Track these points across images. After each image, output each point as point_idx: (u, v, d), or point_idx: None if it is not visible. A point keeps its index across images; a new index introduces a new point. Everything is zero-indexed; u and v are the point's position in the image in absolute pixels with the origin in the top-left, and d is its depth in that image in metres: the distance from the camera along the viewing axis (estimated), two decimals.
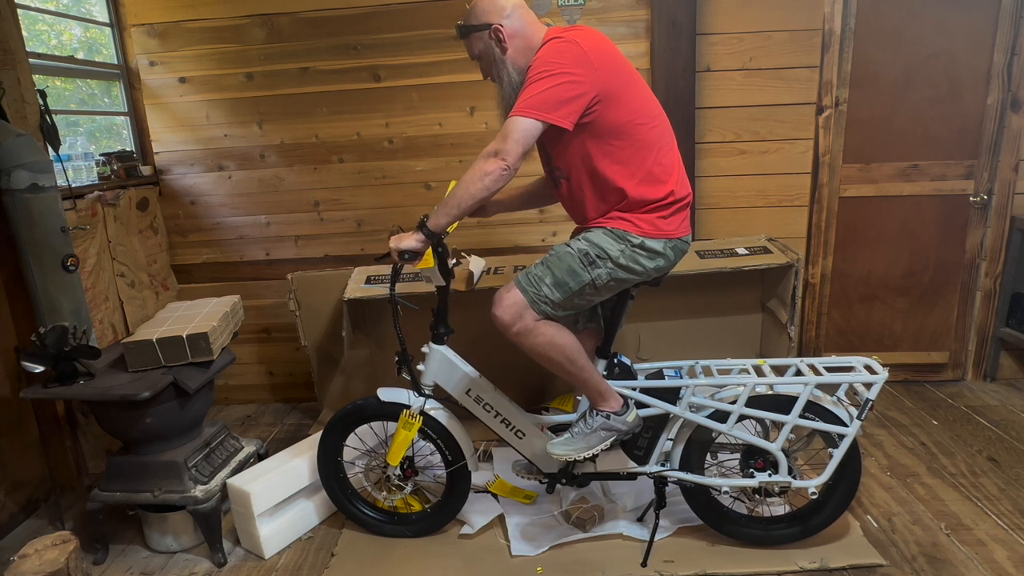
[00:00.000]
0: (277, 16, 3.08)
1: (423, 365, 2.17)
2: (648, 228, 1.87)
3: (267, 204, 3.31)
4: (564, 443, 2.01)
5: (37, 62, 2.63)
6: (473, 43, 1.87)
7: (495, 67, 1.86)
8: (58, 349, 2.14)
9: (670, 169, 1.89)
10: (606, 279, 1.89)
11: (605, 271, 1.87)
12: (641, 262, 1.89)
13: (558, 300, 1.88)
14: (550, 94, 1.71)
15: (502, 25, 1.81)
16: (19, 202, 2.13)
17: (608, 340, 2.09)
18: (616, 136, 1.82)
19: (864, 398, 1.93)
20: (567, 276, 1.87)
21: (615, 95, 1.78)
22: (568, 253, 1.89)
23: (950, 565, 2.06)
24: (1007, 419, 2.96)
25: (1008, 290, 3.20)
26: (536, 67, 1.75)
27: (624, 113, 1.80)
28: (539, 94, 1.71)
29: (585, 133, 1.81)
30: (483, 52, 1.87)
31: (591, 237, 1.90)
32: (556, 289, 1.87)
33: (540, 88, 1.72)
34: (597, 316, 2.22)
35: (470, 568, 2.16)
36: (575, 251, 1.89)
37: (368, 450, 2.40)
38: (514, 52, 1.83)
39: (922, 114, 3.09)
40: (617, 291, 1.97)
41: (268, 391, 3.58)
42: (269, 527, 2.28)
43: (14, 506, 2.50)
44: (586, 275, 1.87)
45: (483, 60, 1.89)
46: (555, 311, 1.90)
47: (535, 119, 1.72)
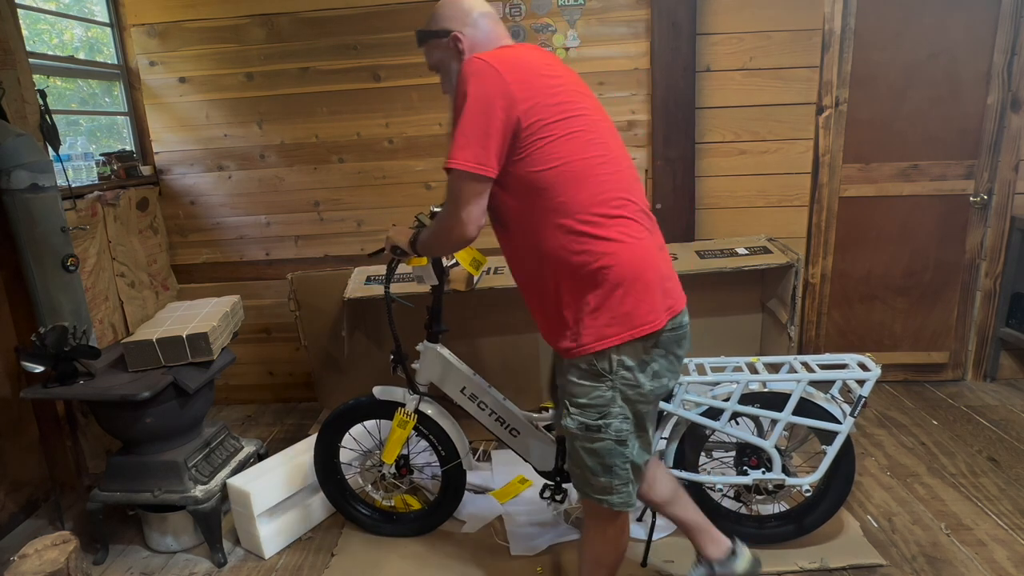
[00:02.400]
0: (277, 16, 3.08)
1: (418, 363, 2.18)
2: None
3: (267, 204, 3.31)
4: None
5: (37, 62, 2.63)
6: (431, 51, 1.62)
7: (451, 80, 1.59)
8: (58, 349, 2.14)
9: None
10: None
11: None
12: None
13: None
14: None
15: (462, 33, 1.56)
16: (19, 202, 2.13)
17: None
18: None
19: (857, 395, 1.93)
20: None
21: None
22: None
23: (950, 565, 2.06)
24: (1007, 419, 2.96)
25: (1008, 290, 3.20)
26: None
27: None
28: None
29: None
30: (440, 62, 1.61)
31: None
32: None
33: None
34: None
35: (470, 568, 2.16)
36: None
37: (365, 451, 2.40)
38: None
39: (922, 114, 3.08)
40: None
41: (268, 391, 3.58)
42: (269, 527, 2.28)
43: (14, 506, 2.50)
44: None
45: (440, 70, 1.63)
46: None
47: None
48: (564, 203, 1.43)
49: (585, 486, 1.58)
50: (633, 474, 1.55)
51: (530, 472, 2.39)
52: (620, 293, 1.43)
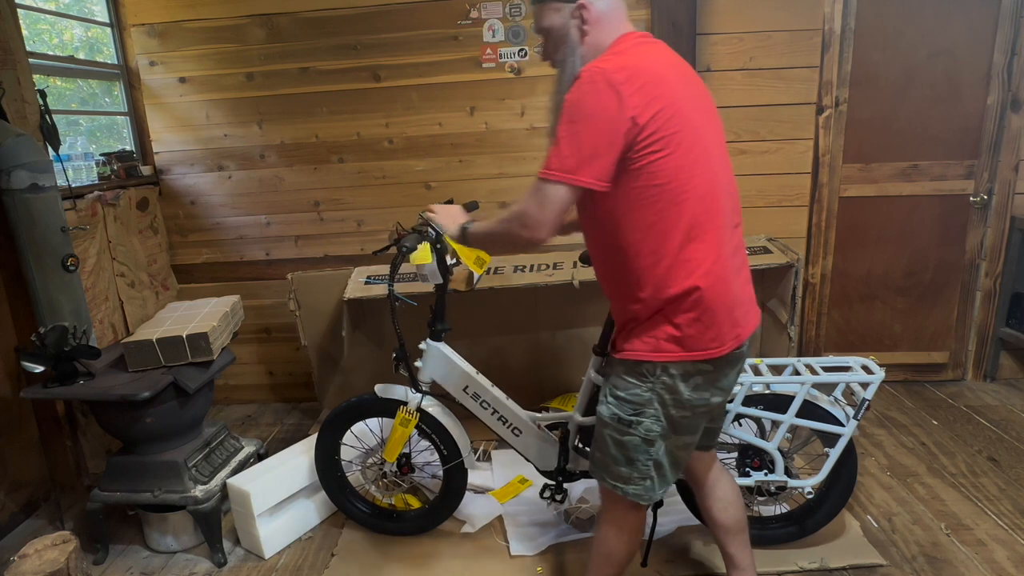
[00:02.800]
0: (277, 16, 3.08)
1: (421, 362, 2.18)
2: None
3: (267, 204, 3.31)
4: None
5: (37, 62, 2.63)
6: (547, 14, 1.50)
7: (563, 49, 1.50)
8: (58, 349, 2.14)
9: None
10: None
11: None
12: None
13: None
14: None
15: (590, 3, 1.45)
16: (19, 202, 2.13)
17: (605, 338, 2.09)
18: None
19: (861, 398, 1.93)
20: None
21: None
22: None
23: (950, 565, 2.06)
24: (1007, 419, 2.96)
25: (1008, 290, 3.20)
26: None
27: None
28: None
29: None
30: (555, 28, 1.50)
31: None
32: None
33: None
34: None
35: (470, 568, 2.16)
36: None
37: (367, 449, 2.40)
38: (588, 43, 1.48)
39: (922, 114, 3.09)
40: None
41: (268, 391, 3.58)
42: (269, 527, 2.28)
43: (14, 506, 2.50)
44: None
45: (550, 37, 1.52)
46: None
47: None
48: (660, 220, 1.40)
49: (603, 470, 1.59)
50: (655, 471, 1.55)
51: (530, 472, 2.39)
52: (692, 316, 1.43)
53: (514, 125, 3.16)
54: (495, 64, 3.09)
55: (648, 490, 1.56)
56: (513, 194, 3.23)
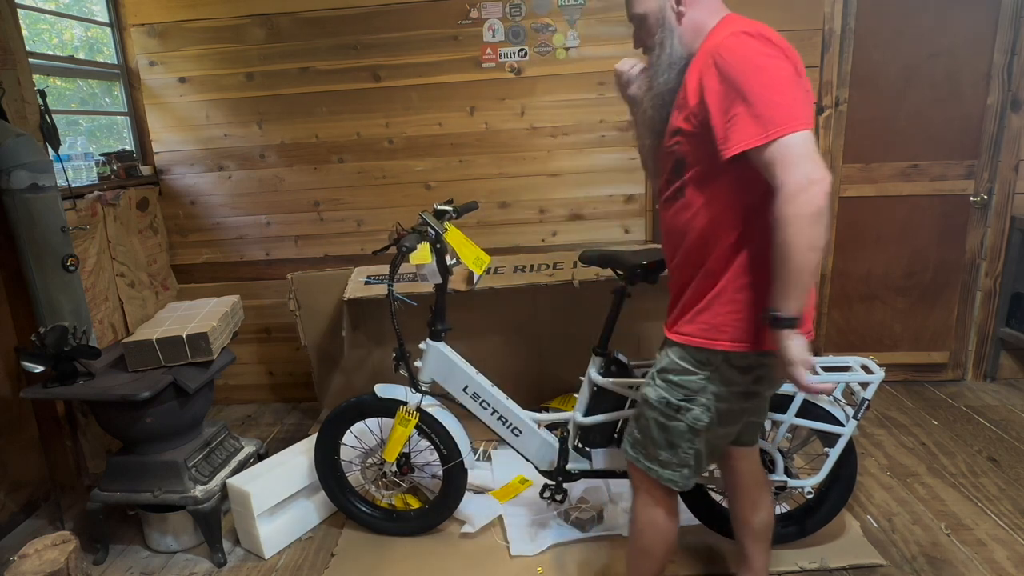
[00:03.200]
0: (277, 16, 3.08)
1: (421, 362, 2.18)
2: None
3: (267, 204, 3.31)
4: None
5: (37, 62, 2.63)
6: (640, 0, 1.47)
7: (660, 33, 1.45)
8: (58, 349, 2.14)
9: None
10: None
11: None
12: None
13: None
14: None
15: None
16: (19, 202, 2.13)
17: (605, 338, 2.09)
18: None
19: (861, 398, 1.93)
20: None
21: None
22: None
23: (950, 565, 2.06)
24: (1007, 419, 2.96)
25: (1008, 290, 3.20)
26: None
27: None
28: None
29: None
30: (652, 13, 1.45)
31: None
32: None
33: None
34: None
35: (470, 568, 2.16)
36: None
37: (366, 449, 2.40)
38: (687, 24, 1.43)
39: (922, 114, 3.08)
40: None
41: (268, 391, 3.58)
42: (269, 527, 2.28)
43: (14, 506, 2.50)
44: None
45: (646, 22, 1.47)
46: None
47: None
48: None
49: (640, 451, 1.56)
50: (695, 460, 1.52)
51: (530, 472, 2.39)
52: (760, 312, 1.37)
53: (514, 125, 3.16)
54: (495, 64, 3.09)
55: (684, 477, 1.54)
56: (513, 194, 3.23)
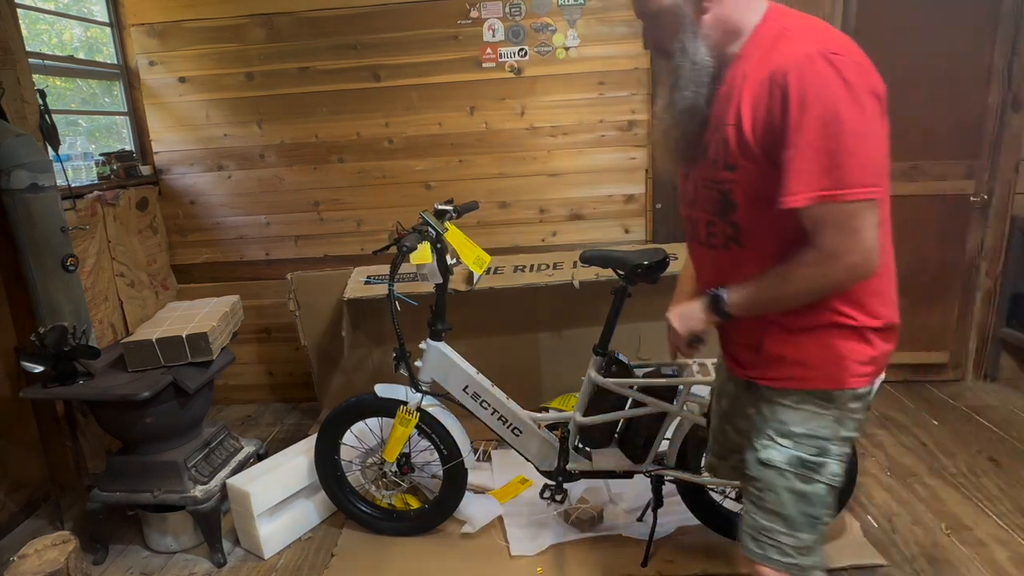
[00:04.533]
0: (277, 16, 3.08)
1: (421, 362, 2.18)
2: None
3: (267, 204, 3.31)
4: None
5: (37, 62, 2.63)
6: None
7: (678, 34, 1.20)
8: (58, 349, 2.14)
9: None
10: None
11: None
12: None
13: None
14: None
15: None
16: (19, 202, 2.13)
17: (606, 338, 2.09)
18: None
19: None
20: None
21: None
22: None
23: (950, 565, 2.06)
24: (1007, 419, 2.96)
25: (1008, 290, 3.20)
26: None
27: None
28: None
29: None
30: (665, 10, 1.20)
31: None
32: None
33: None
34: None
35: (470, 568, 2.16)
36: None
37: (367, 449, 2.40)
38: (713, 21, 1.18)
39: (922, 114, 3.08)
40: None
41: (268, 391, 3.57)
42: (269, 527, 2.28)
43: (14, 506, 2.50)
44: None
45: (660, 20, 1.22)
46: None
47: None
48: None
49: (773, 545, 1.23)
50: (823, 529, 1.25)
51: (530, 472, 2.39)
52: (884, 328, 1.27)
53: (514, 125, 3.16)
54: (495, 64, 3.09)
55: (822, 559, 1.25)
56: (513, 194, 3.23)
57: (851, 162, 1.05)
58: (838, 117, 1.05)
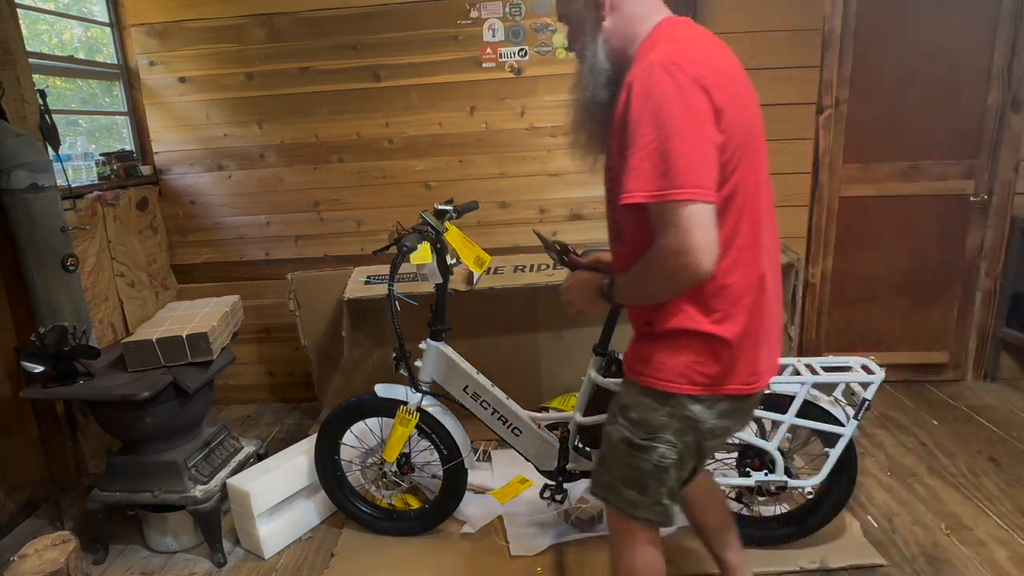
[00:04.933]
0: (277, 16, 3.07)
1: (421, 361, 2.18)
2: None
3: (267, 204, 3.31)
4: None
5: (37, 62, 2.63)
6: (565, 1, 1.37)
7: (582, 38, 1.34)
8: (58, 349, 2.14)
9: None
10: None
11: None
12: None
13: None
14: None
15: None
16: (19, 202, 2.13)
17: (606, 338, 2.09)
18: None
19: (861, 398, 1.93)
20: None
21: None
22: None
23: (950, 565, 2.06)
24: (1007, 419, 2.96)
25: (1008, 290, 3.20)
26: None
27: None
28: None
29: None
30: (573, 14, 1.35)
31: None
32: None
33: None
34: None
35: (470, 568, 2.16)
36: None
37: (367, 449, 2.40)
38: (612, 27, 1.30)
39: (922, 114, 3.08)
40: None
41: (268, 391, 3.57)
42: (269, 527, 2.28)
43: (14, 506, 2.50)
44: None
45: (571, 25, 1.37)
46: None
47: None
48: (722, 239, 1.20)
49: (610, 493, 1.44)
50: (668, 497, 1.40)
51: (530, 472, 2.39)
52: (731, 347, 1.27)
53: (514, 125, 3.16)
54: (495, 64, 3.09)
55: (660, 515, 1.41)
56: (513, 194, 3.23)
57: (679, 164, 1.12)
58: (669, 122, 1.12)
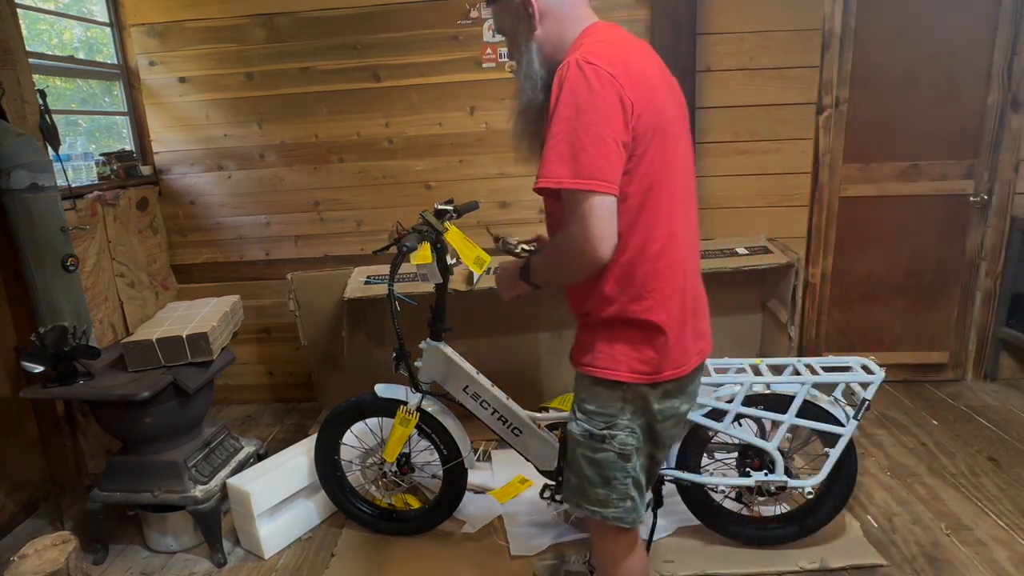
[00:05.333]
0: (277, 16, 3.08)
1: (421, 362, 2.18)
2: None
3: (267, 204, 3.31)
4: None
5: (37, 62, 2.63)
6: (500, 14, 1.45)
7: (517, 48, 1.45)
8: (58, 349, 2.14)
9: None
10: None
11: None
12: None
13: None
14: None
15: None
16: (19, 202, 2.13)
17: None
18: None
19: (861, 398, 1.93)
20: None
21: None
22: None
23: (950, 565, 2.06)
24: (1007, 419, 2.96)
25: (1008, 290, 3.20)
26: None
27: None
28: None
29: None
30: (508, 27, 1.45)
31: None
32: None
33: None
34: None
35: (470, 568, 2.16)
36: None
37: (367, 449, 2.40)
38: (544, 36, 1.40)
39: (922, 114, 3.08)
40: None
41: (268, 391, 3.58)
42: (269, 527, 2.28)
43: (14, 506, 2.50)
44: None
45: (507, 37, 1.48)
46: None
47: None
48: (632, 229, 1.31)
49: (580, 496, 1.49)
50: (634, 490, 1.45)
51: (530, 472, 2.39)
52: (660, 337, 1.35)
53: None
54: (495, 64, 3.09)
55: (629, 512, 1.45)
56: (514, 194, 3.23)
57: (583, 156, 1.21)
58: (578, 116, 1.22)
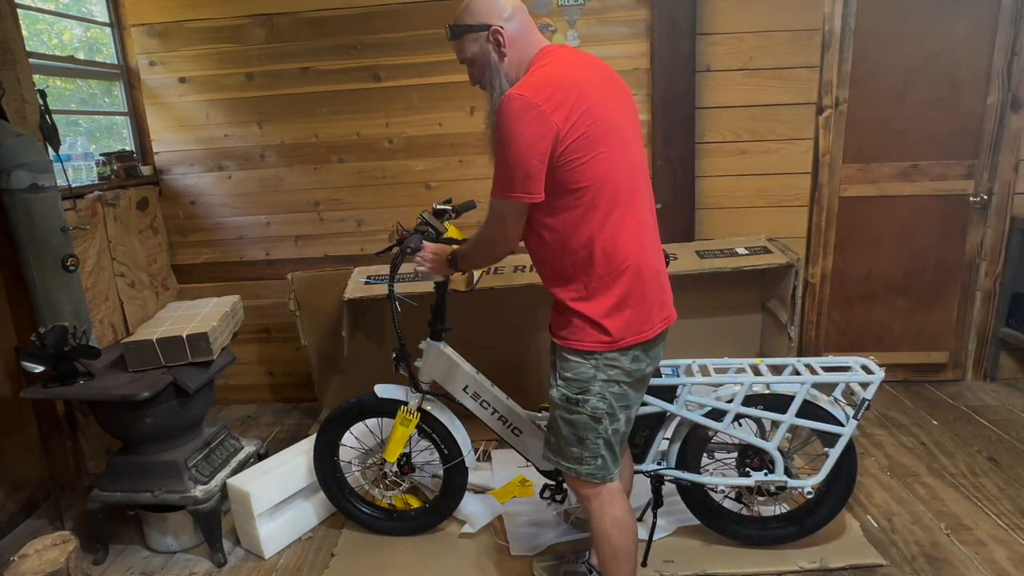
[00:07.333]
0: (277, 16, 3.08)
1: (421, 361, 2.18)
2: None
3: (267, 204, 3.31)
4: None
5: (37, 62, 2.63)
6: (467, 45, 1.66)
7: (489, 73, 1.66)
8: (58, 349, 2.14)
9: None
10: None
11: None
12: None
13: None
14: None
15: (502, 27, 1.59)
16: (19, 202, 2.13)
17: None
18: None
19: (860, 398, 1.93)
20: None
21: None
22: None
23: (950, 565, 2.06)
24: (1007, 419, 2.96)
25: (1008, 290, 3.20)
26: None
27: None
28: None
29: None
30: (477, 56, 1.66)
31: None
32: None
33: None
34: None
35: (470, 568, 2.16)
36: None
37: (367, 449, 2.40)
38: (510, 62, 1.63)
39: (922, 114, 3.08)
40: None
41: (268, 391, 3.58)
42: (269, 527, 2.28)
43: (14, 506, 2.50)
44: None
45: (475, 65, 1.68)
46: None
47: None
48: (586, 217, 1.54)
49: (558, 454, 1.71)
50: (605, 449, 1.66)
51: (531, 472, 2.39)
52: (623, 307, 1.58)
53: None
54: None
55: (601, 468, 1.67)
56: None
57: (506, 174, 1.51)
58: (503, 144, 1.49)
